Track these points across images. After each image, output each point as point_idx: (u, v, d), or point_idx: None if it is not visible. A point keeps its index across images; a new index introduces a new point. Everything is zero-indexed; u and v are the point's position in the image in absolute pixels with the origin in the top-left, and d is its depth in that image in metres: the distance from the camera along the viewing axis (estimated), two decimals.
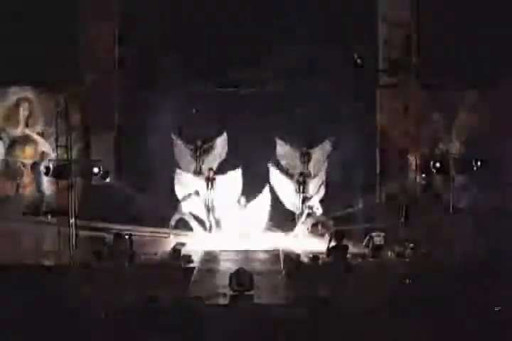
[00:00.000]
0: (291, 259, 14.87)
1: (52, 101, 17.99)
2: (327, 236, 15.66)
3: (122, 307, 11.16)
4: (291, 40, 17.86)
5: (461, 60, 17.58)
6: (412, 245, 15.30)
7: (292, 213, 17.89)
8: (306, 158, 18.09)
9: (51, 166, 15.80)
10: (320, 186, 17.70)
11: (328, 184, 17.78)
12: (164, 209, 17.30)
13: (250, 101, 17.97)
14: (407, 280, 12.83)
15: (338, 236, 13.54)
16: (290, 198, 17.85)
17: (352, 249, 14.57)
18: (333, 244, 13.54)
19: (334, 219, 17.24)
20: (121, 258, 14.14)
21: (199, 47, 18.09)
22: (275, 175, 17.93)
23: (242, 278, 12.61)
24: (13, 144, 18.93)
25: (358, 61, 17.23)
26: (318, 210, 17.38)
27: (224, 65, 18.09)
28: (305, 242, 16.69)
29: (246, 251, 15.82)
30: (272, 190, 17.68)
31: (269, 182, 17.65)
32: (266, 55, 17.81)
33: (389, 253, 15.31)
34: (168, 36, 18.19)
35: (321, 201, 17.61)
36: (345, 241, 13.53)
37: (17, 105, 18.81)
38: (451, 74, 17.48)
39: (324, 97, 18.05)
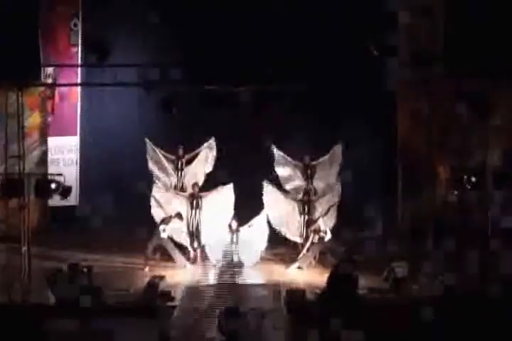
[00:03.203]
0: (295, 296, 13.76)
1: (1, 99, 16.98)
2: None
3: None
4: (302, 29, 17.28)
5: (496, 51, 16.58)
6: (442, 278, 14.18)
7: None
8: (310, 171, 16.96)
9: None
10: (330, 207, 16.49)
11: (341, 203, 16.64)
12: (139, 235, 16.17)
13: (245, 100, 16.96)
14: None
15: (346, 265, 13.01)
16: (290, 223, 16.61)
17: (367, 282, 14.13)
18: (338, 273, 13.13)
19: (346, 245, 16.33)
20: (81, 295, 13.08)
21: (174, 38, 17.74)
22: (271, 194, 16.63)
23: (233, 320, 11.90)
24: None
25: (375, 52, 15.92)
26: (327, 235, 16.01)
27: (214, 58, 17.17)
28: (311, 275, 15.77)
29: (239, 286, 15.01)
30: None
31: (264, 202, 16.59)
32: (270, 45, 17.14)
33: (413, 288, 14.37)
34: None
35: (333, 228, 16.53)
36: (356, 272, 13.03)
37: None
38: (485, 67, 16.39)
39: (333, 96, 17.16)
